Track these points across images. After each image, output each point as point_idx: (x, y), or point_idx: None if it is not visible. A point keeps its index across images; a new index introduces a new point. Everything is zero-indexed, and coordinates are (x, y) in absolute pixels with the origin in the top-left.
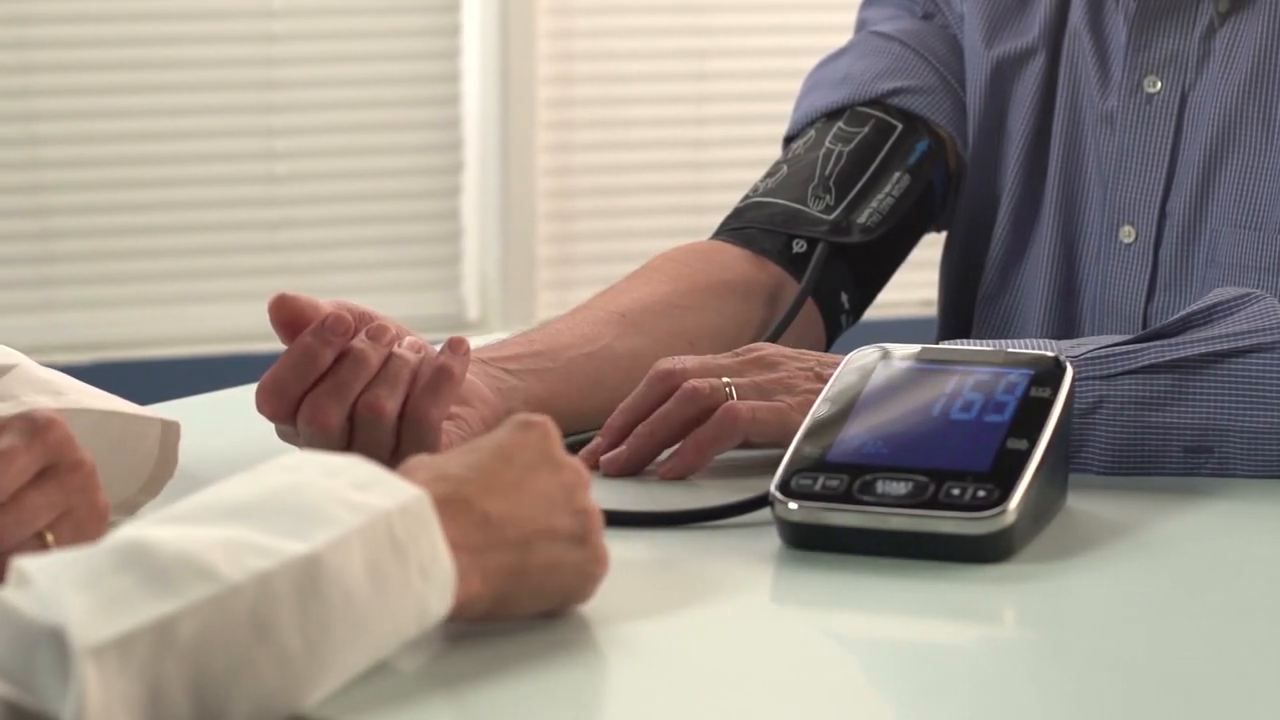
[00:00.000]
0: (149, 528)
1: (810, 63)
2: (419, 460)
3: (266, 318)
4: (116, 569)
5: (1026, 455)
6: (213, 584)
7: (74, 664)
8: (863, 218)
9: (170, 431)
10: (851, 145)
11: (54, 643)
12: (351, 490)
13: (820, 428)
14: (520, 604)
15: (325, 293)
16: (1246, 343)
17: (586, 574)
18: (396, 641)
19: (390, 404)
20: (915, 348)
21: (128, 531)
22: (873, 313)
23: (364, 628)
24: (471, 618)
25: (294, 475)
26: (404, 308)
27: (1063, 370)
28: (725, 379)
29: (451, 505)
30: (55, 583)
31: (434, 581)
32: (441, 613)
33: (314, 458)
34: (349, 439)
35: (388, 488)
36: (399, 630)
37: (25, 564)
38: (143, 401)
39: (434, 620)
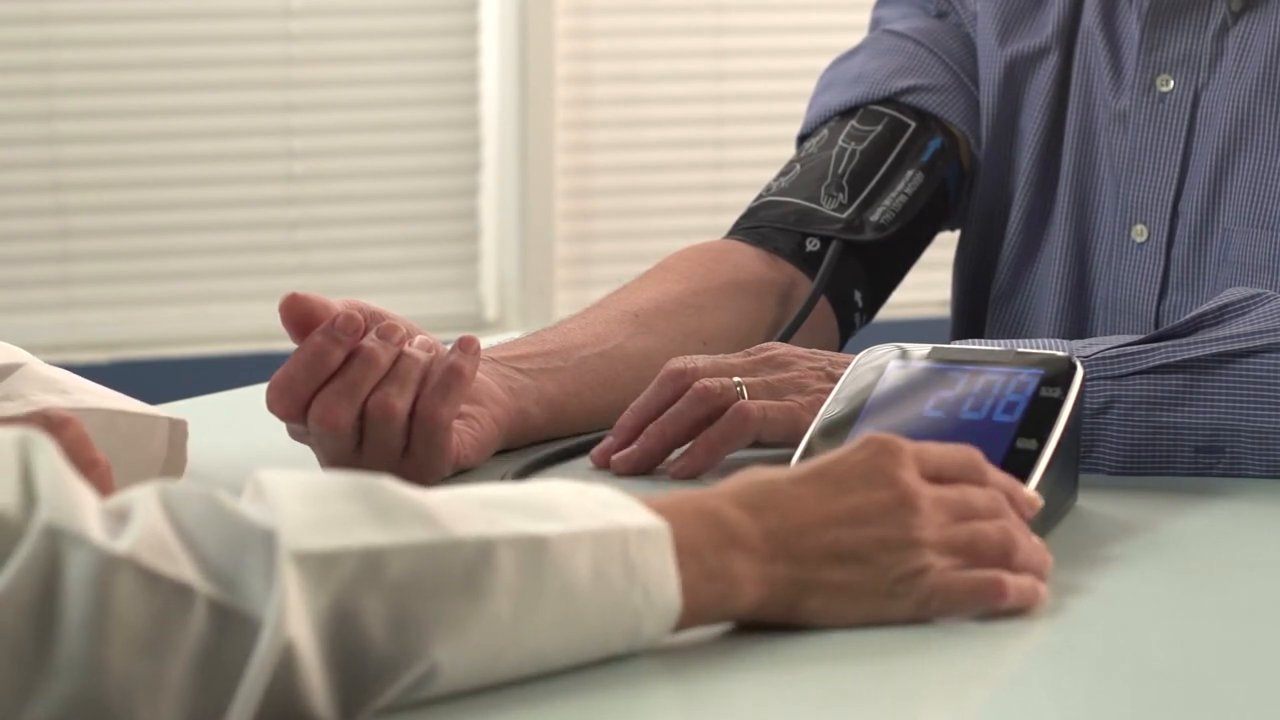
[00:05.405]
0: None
1: (828, 62)
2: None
3: None
4: (344, 497)
5: (1035, 455)
6: (434, 531)
7: (278, 566)
8: (876, 216)
9: (178, 430)
10: (865, 144)
11: (265, 544)
12: (597, 504)
13: (830, 427)
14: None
15: (343, 292)
16: (1258, 343)
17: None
18: (602, 649)
19: (400, 403)
20: (926, 347)
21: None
22: (886, 312)
23: (574, 623)
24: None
25: (544, 485)
26: (422, 307)
27: (1073, 370)
28: (736, 378)
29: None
30: (282, 493)
31: (655, 606)
32: (654, 640)
33: (571, 483)
34: (359, 438)
35: (632, 511)
36: (607, 640)
37: (263, 477)
38: (163, 400)
39: (645, 644)
